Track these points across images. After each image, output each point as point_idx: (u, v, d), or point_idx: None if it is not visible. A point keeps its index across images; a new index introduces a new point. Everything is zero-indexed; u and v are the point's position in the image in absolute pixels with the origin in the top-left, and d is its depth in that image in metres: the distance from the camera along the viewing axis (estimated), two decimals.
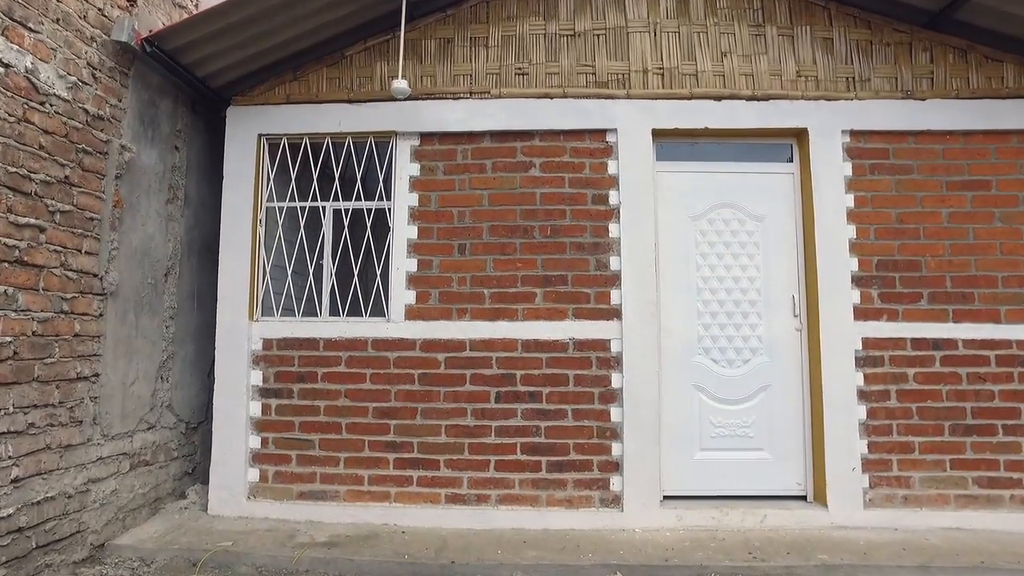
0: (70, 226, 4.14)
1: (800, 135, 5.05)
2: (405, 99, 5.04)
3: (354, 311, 5.13)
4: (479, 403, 4.86)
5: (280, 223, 5.22)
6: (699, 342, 5.05)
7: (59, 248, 4.05)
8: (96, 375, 4.37)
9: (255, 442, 4.97)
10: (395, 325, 4.96)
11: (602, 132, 5.05)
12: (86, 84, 4.26)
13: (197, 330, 5.39)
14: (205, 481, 5.31)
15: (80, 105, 4.21)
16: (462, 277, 4.98)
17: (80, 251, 4.23)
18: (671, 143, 5.17)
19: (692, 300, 5.09)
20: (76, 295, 4.18)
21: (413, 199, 5.07)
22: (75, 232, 4.18)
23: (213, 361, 5.41)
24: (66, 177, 4.10)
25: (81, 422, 4.23)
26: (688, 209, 5.15)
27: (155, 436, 4.93)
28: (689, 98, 5.03)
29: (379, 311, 5.09)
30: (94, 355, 4.34)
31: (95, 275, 4.36)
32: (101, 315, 4.42)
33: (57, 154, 4.03)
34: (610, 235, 4.95)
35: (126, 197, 4.64)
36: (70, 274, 4.15)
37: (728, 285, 5.09)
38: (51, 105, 3.97)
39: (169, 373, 5.07)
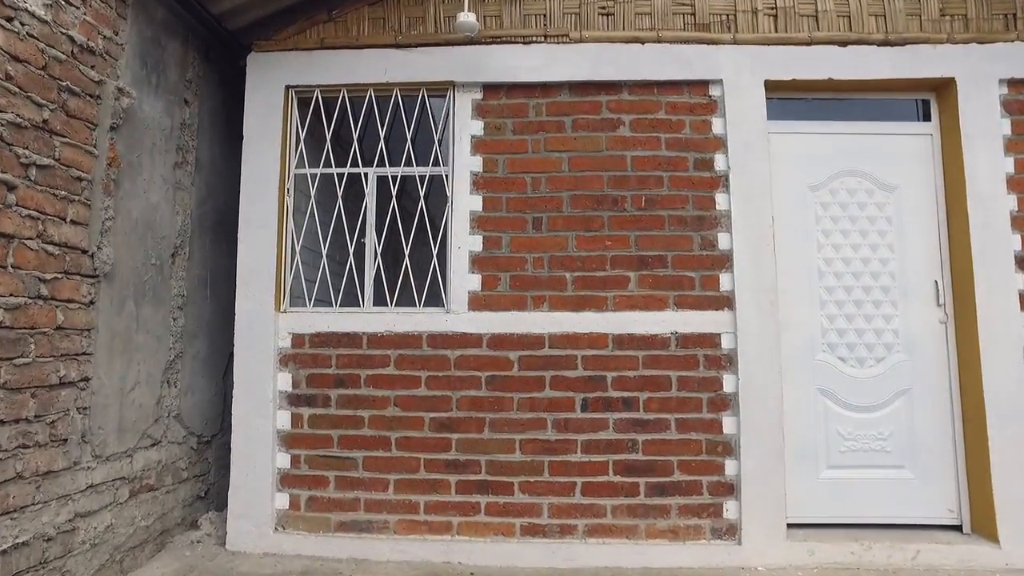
0: (50, 186, 3.08)
1: (943, 87, 4.06)
2: (467, 43, 4.01)
3: (405, 300, 4.08)
4: (561, 412, 3.84)
5: (312, 193, 4.17)
6: (823, 336, 4.04)
7: (35, 213, 2.98)
8: (85, 380, 3.30)
9: (284, 461, 3.92)
10: (456, 317, 3.92)
11: (704, 84, 4.03)
12: (71, 5, 3.19)
13: (211, 323, 4.32)
14: (221, 507, 4.25)
15: (63, 31, 3.13)
16: (538, 257, 3.95)
17: (64, 219, 3.16)
18: (786, 99, 4.16)
19: (813, 286, 4.07)
20: (59, 276, 3.12)
21: (476, 163, 4.03)
22: (57, 194, 3.11)
23: (230, 361, 4.34)
24: (44, 122, 3.03)
25: (65, 441, 3.16)
26: (806, 178, 4.14)
27: (160, 454, 3.87)
28: (808, 43, 4.01)
29: (436, 300, 4.04)
30: (83, 354, 3.28)
31: (84, 251, 3.29)
32: (92, 302, 3.36)
33: (32, 90, 2.95)
34: (717, 207, 3.94)
35: (124, 155, 3.57)
36: (51, 248, 3.08)
37: (855, 268, 4.08)
38: (22, 24, 2.90)
39: (177, 376, 4.01)
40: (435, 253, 4.05)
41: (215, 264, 4.37)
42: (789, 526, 3.81)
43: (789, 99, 4.16)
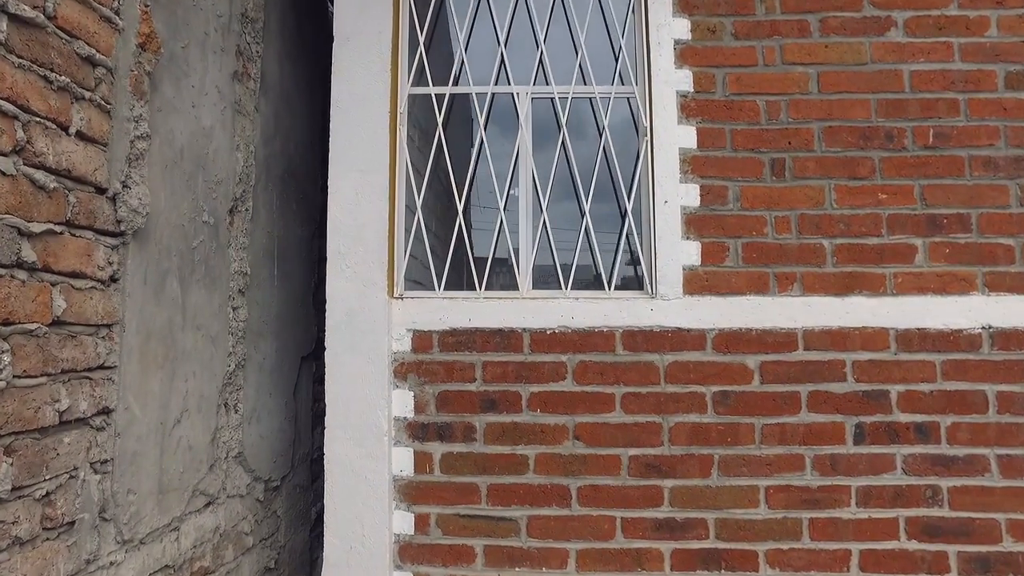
0: (39, 62, 1.56)
1: None
2: None
3: (584, 281, 2.64)
4: (825, 445, 2.43)
5: (440, 123, 2.69)
6: None
7: (8, 107, 1.49)
8: (105, 412, 1.79)
9: (405, 523, 2.45)
10: (666, 305, 2.49)
11: None
12: None
13: (279, 316, 2.82)
14: None
15: None
16: (782, 217, 2.53)
17: (65, 127, 1.65)
18: None
19: None
20: (56, 228, 1.61)
21: (684, 79, 2.59)
22: (52, 80, 1.60)
23: (301, 369, 2.87)
24: None
25: (71, 525, 1.65)
26: None
27: (217, 517, 2.36)
28: None
29: (630, 281, 2.61)
30: (100, 368, 1.78)
31: (100, 189, 1.78)
32: (115, 278, 1.85)
33: None
34: None
35: (165, 38, 2.06)
36: (40, 177, 1.57)
37: None
38: None
39: (238, 395, 2.50)
40: (628, 210, 2.60)
41: (284, 232, 2.86)
42: None
43: None
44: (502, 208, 2.56)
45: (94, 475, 1.77)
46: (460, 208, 2.57)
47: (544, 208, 2.59)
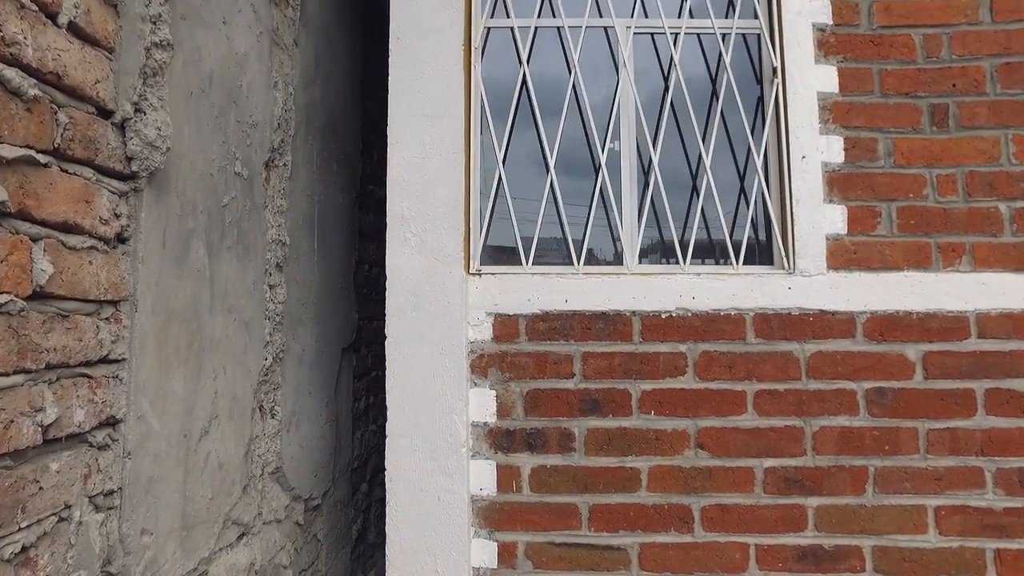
0: None
1: None
2: None
3: (704, 253, 2.11)
4: (1011, 456, 1.92)
5: (524, 62, 2.14)
6: None
7: None
8: (110, 423, 1.26)
9: (484, 554, 1.92)
10: (805, 283, 1.96)
11: None
12: None
13: (319, 299, 2.26)
14: None
15: None
16: (945, 175, 2.01)
17: (52, 14, 1.12)
18: None
19: None
20: (39, 156, 1.08)
21: (820, 9, 2.06)
22: None
23: (343, 362, 2.35)
24: None
25: None
26: None
27: (252, 551, 1.81)
28: None
29: (759, 254, 2.08)
30: (103, 362, 1.24)
31: (102, 108, 1.23)
32: (123, 238, 1.31)
33: None
34: None
35: None
36: (11, 77, 1.03)
37: None
38: None
39: (276, 395, 1.95)
40: (758, 166, 2.07)
41: (324, 197, 2.30)
42: None
43: None
44: (603, 158, 2.02)
45: (95, 514, 1.23)
46: (552, 161, 2.03)
47: (656, 162, 2.04)
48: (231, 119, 1.69)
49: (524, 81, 2.08)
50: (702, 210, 2.06)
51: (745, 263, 2.00)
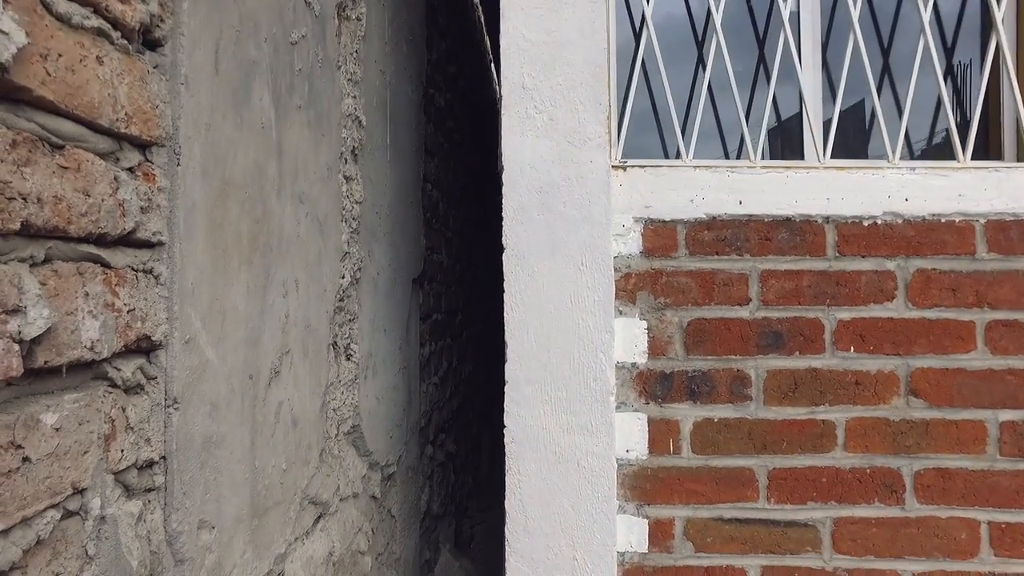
0: None
1: None
2: None
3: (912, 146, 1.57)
4: None
5: None
6: None
7: None
8: (144, 348, 0.69)
9: (631, 534, 1.42)
10: None
11: None
12: None
13: (392, 209, 1.69)
14: None
15: None
16: None
17: None
18: None
19: None
20: None
21: None
22: None
23: (413, 295, 1.83)
24: None
25: None
26: None
27: (330, 537, 1.27)
28: None
29: (975, 151, 1.55)
30: (125, 243, 0.66)
31: None
32: (153, 39, 0.72)
33: None
34: None
35: None
36: None
37: None
38: None
39: (352, 329, 1.40)
40: (999, 21, 1.51)
41: (395, 81, 1.71)
42: None
43: None
44: (785, 13, 1.45)
45: (126, 502, 0.68)
46: (718, 17, 1.46)
47: (855, 16, 1.47)
48: None
49: None
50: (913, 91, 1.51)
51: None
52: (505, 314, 1.35)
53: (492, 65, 1.46)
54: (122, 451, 0.70)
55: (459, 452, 2.73)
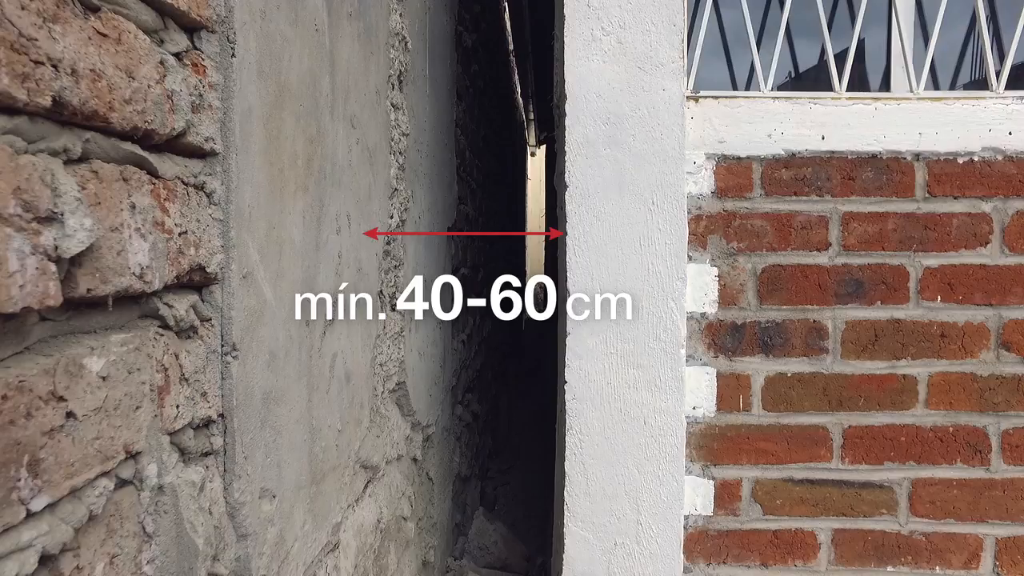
0: None
1: None
2: None
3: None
4: None
5: None
6: None
7: None
8: (198, 283, 0.53)
9: (697, 497, 1.31)
10: None
11: None
12: None
13: (431, 147, 1.50)
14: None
15: None
16: None
17: None
18: None
19: None
20: None
21: None
22: None
23: (446, 245, 1.71)
24: None
25: None
26: None
27: (378, 503, 1.15)
28: None
29: None
30: (176, 148, 0.51)
31: None
32: None
33: None
34: None
35: None
36: None
37: None
38: None
39: (398, 276, 1.27)
40: None
41: (433, 8, 1.55)
42: None
43: None
44: None
45: (184, 468, 0.55)
46: None
47: None
48: None
49: None
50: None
51: None
52: (567, 259, 1.21)
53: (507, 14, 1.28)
54: (177, 407, 0.56)
55: (481, 412, 2.62)
